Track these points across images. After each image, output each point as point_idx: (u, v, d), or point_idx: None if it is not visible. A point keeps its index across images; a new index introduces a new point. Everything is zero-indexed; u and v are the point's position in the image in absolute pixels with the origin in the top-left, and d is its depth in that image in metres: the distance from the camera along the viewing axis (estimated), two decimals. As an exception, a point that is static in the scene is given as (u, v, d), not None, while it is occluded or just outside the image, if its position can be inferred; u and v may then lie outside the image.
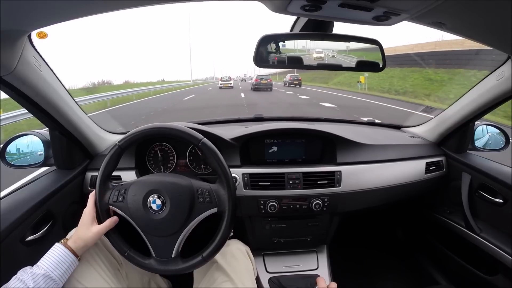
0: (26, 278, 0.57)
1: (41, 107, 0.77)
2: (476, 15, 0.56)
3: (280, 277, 1.12)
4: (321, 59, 0.70)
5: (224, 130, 1.08)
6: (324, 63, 0.71)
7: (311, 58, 0.70)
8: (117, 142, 0.70)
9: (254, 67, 7.63)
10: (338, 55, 0.71)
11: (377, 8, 0.52)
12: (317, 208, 1.01)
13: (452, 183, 1.14)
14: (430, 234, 1.31)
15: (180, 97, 13.30)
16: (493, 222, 1.00)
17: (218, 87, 20.15)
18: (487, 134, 1.14)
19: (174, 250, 0.69)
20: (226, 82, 20.00)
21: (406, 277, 1.35)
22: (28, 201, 0.78)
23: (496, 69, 0.88)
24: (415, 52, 15.83)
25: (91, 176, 1.00)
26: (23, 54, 0.62)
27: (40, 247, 0.77)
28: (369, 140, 1.13)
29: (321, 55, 0.70)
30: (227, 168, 0.71)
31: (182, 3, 0.57)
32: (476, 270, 1.03)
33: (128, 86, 21.71)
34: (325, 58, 0.70)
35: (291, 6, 0.53)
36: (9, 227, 0.69)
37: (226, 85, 19.57)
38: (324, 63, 0.71)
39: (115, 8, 0.54)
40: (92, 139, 1.00)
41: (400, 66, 15.11)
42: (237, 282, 0.75)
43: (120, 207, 0.69)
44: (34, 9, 0.49)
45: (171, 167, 1.07)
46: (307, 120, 1.44)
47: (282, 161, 1.08)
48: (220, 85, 19.87)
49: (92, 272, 0.67)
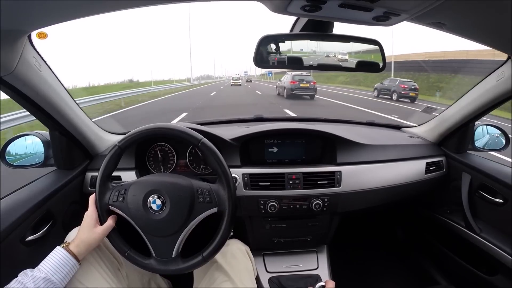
0: (27, 280, 0.57)
1: (41, 108, 0.77)
2: (476, 15, 0.57)
3: (280, 277, 1.12)
4: (345, 60, 0.71)
5: (224, 130, 1.08)
6: (324, 63, 0.71)
7: (330, 59, 0.70)
8: (117, 143, 0.70)
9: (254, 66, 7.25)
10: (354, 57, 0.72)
11: (377, 8, 0.52)
12: (317, 208, 1.01)
13: (452, 183, 1.14)
14: (430, 234, 1.31)
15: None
16: (493, 222, 1.00)
17: (220, 89, 21.03)
18: (487, 134, 1.14)
19: (174, 250, 0.69)
20: (236, 81, 25.53)
21: (406, 277, 1.35)
22: (28, 201, 0.78)
23: (496, 69, 0.88)
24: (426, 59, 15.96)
25: (91, 176, 1.00)
26: (23, 54, 0.62)
27: (40, 247, 0.77)
28: (369, 140, 1.13)
29: (345, 57, 0.71)
30: (227, 168, 0.71)
31: (182, 3, 0.57)
32: (476, 270, 1.03)
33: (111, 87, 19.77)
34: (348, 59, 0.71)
35: (291, 7, 0.53)
36: (9, 227, 0.69)
37: (236, 83, 24.50)
38: (324, 63, 0.71)
39: (115, 8, 0.54)
40: (92, 140, 1.00)
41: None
42: (237, 282, 0.75)
43: (120, 207, 0.69)
44: (34, 9, 0.49)
45: (171, 167, 1.07)
46: (307, 120, 1.44)
47: (282, 161, 1.08)
48: (231, 84, 24.57)
49: (93, 272, 0.67)
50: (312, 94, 10.97)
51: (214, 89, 19.15)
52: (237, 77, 28.15)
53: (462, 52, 14.72)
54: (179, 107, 8.78)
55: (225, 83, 28.50)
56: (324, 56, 0.70)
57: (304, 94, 10.82)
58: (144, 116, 7.30)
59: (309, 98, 10.82)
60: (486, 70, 0.94)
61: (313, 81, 10.87)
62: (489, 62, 11.91)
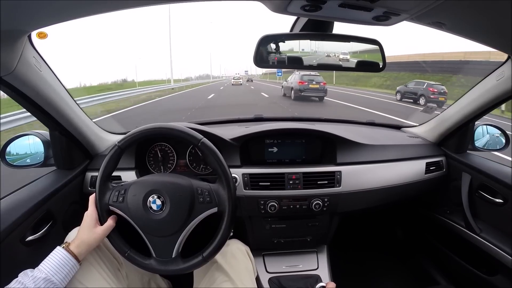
0: (27, 281, 0.57)
1: (41, 107, 0.77)
2: (476, 15, 0.57)
3: (280, 277, 1.12)
4: (346, 60, 0.71)
5: (224, 130, 1.08)
6: (324, 63, 0.71)
7: (330, 59, 0.71)
8: (117, 143, 0.70)
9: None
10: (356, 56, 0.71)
11: (377, 8, 0.52)
12: (317, 208, 1.01)
13: (452, 183, 1.14)
14: (430, 234, 1.31)
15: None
16: (493, 222, 1.00)
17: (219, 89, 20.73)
18: (487, 134, 1.14)
19: (174, 250, 0.69)
20: (237, 81, 26.91)
21: (406, 277, 1.35)
22: (28, 201, 0.78)
23: (496, 69, 0.88)
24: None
25: (91, 176, 1.00)
26: (23, 54, 0.62)
27: (40, 247, 0.77)
28: (369, 140, 1.13)
29: (347, 56, 0.71)
30: (227, 168, 0.71)
31: (182, 3, 0.57)
32: (476, 270, 1.03)
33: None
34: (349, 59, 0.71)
35: (291, 6, 0.53)
36: (9, 227, 0.69)
37: (237, 83, 25.97)
38: (324, 63, 0.71)
39: (115, 8, 0.54)
40: (92, 139, 1.00)
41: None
42: (237, 282, 0.75)
43: (120, 207, 0.69)
44: (34, 9, 0.49)
45: (171, 167, 1.07)
46: (307, 120, 1.44)
47: (282, 161, 1.08)
48: (232, 83, 26.04)
49: (93, 272, 0.67)
50: (322, 96, 10.17)
51: (201, 100, 10.89)
52: (237, 76, 30.19)
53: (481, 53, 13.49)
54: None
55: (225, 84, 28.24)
56: (325, 56, 0.70)
57: (313, 96, 10.07)
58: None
59: (318, 100, 10.12)
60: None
61: (323, 82, 10.15)
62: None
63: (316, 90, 9.99)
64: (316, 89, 9.98)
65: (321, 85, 10.02)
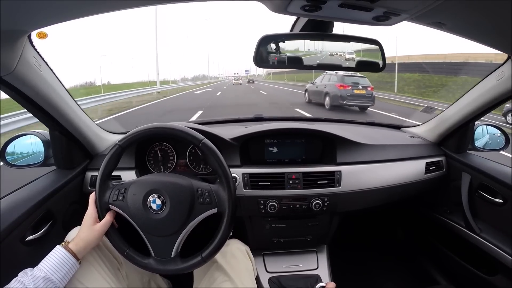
0: (27, 280, 0.57)
1: (41, 107, 0.77)
2: (476, 15, 0.56)
3: (280, 277, 1.12)
4: (352, 60, 0.71)
5: (224, 130, 1.08)
6: (324, 63, 0.71)
7: (333, 58, 0.71)
8: (117, 142, 0.70)
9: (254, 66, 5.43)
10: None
11: (377, 8, 0.52)
12: (317, 208, 1.01)
13: (452, 183, 1.14)
14: (430, 234, 1.31)
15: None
16: (493, 222, 1.00)
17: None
18: (487, 134, 1.14)
19: (174, 250, 0.69)
20: (237, 81, 29.41)
21: (406, 277, 1.35)
22: (28, 201, 0.78)
23: (496, 69, 0.87)
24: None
25: (91, 176, 1.00)
26: (23, 54, 0.62)
27: (40, 247, 0.77)
28: (369, 140, 1.13)
29: (353, 56, 0.71)
30: (227, 168, 0.71)
31: (182, 3, 0.57)
32: (476, 270, 1.03)
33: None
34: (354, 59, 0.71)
35: (291, 6, 0.53)
36: (9, 227, 0.69)
37: (237, 83, 28.08)
38: (324, 63, 0.71)
39: (115, 8, 0.54)
40: (92, 139, 1.00)
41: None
42: (237, 282, 0.75)
43: (120, 207, 0.69)
44: (34, 9, 0.49)
45: (171, 167, 1.07)
46: (307, 120, 1.44)
47: (282, 161, 1.08)
48: (233, 83, 28.28)
49: (93, 271, 0.67)
50: (368, 105, 7.47)
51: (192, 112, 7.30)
52: (238, 77, 34.02)
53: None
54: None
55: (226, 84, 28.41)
56: (328, 55, 0.70)
57: (358, 105, 7.41)
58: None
59: (359, 110, 7.46)
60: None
61: (370, 86, 7.37)
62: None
63: (362, 97, 7.30)
64: (362, 96, 7.28)
65: (368, 90, 7.31)
